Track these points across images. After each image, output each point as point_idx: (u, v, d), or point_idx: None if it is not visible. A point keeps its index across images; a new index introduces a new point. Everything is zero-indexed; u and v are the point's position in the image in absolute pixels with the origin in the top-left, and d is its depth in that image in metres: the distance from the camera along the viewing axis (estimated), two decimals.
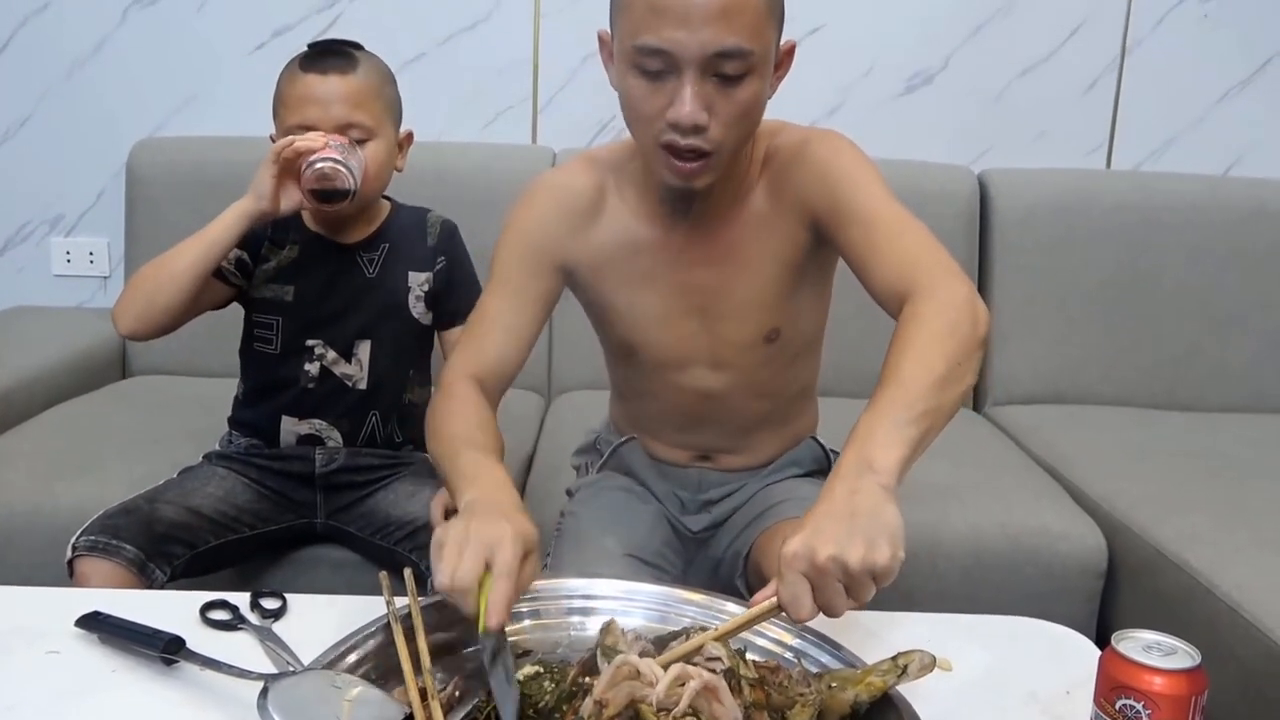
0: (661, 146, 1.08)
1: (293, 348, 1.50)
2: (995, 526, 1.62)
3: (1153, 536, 1.58)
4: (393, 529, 1.46)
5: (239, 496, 1.48)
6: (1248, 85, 2.36)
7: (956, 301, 0.99)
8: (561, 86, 2.32)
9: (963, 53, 2.34)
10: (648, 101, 1.06)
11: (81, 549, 1.33)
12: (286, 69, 1.44)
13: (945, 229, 2.17)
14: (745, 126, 1.10)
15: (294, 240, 1.50)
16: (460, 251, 1.57)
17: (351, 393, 1.51)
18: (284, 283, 1.49)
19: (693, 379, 1.27)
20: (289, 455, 1.52)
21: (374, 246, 1.52)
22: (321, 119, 1.39)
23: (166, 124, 2.31)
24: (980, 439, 1.99)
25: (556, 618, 0.98)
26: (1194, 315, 2.20)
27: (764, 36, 1.05)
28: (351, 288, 1.50)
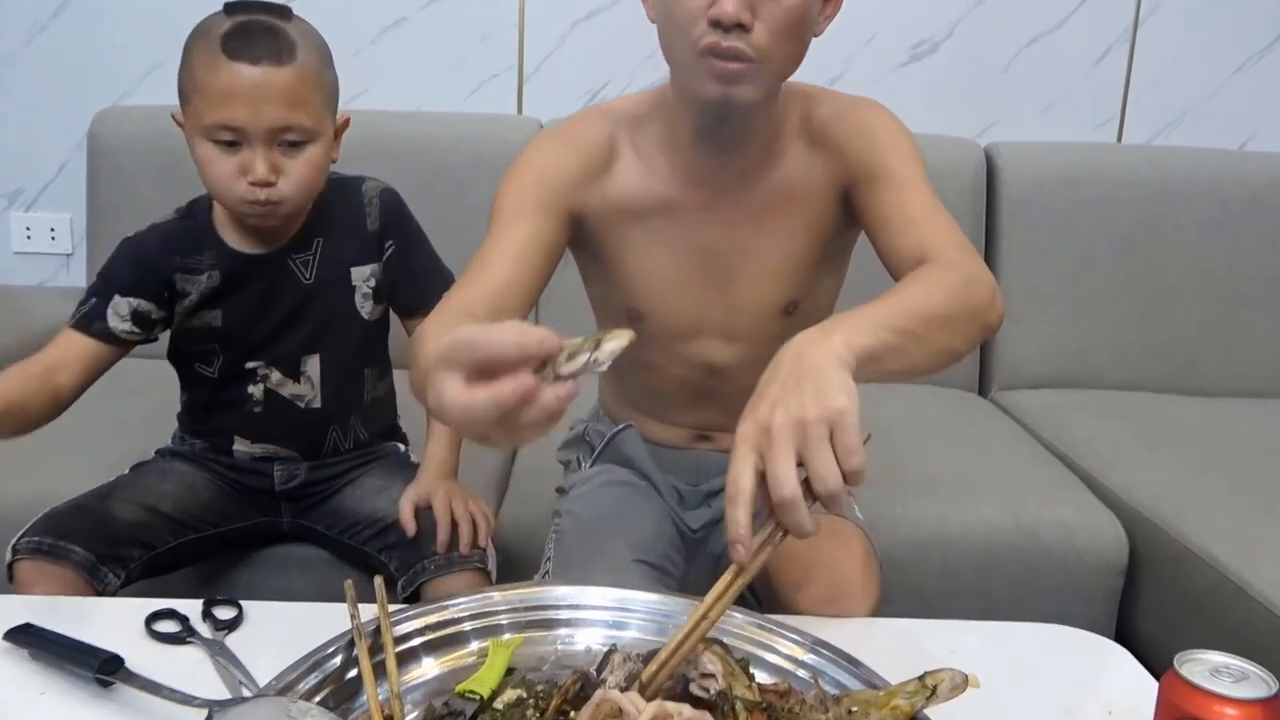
0: (701, 53, 0.99)
1: (233, 372, 1.33)
2: (1009, 519, 1.53)
3: (1176, 530, 1.49)
4: (361, 527, 1.35)
5: (200, 493, 1.36)
6: (1265, 56, 2.27)
7: (979, 277, 0.97)
8: (548, 54, 2.21)
9: (969, 21, 2.24)
10: (690, 2, 0.98)
11: (23, 551, 1.19)
12: (202, 44, 1.18)
13: (950, 204, 2.02)
14: (790, 43, 1.01)
15: (210, 265, 1.29)
16: (409, 226, 1.36)
17: (305, 412, 1.35)
18: (209, 309, 1.30)
19: (701, 350, 1.19)
20: (245, 469, 1.37)
21: (306, 245, 1.31)
22: (251, 121, 1.16)
23: (132, 92, 2.20)
24: (988, 425, 1.90)
25: (542, 630, 0.88)
26: (1207, 295, 2.11)
27: None
28: (288, 301, 1.31)
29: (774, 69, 1.02)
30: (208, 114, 1.17)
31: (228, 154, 1.19)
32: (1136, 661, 0.93)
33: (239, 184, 1.19)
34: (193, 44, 1.21)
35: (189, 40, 1.22)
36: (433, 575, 1.25)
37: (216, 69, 1.17)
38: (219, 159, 1.19)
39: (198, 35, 1.21)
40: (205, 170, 1.21)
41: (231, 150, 1.18)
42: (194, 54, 1.20)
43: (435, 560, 1.25)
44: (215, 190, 1.23)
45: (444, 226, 1.48)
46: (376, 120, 2.00)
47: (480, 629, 0.87)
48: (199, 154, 1.20)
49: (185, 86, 1.21)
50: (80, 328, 1.27)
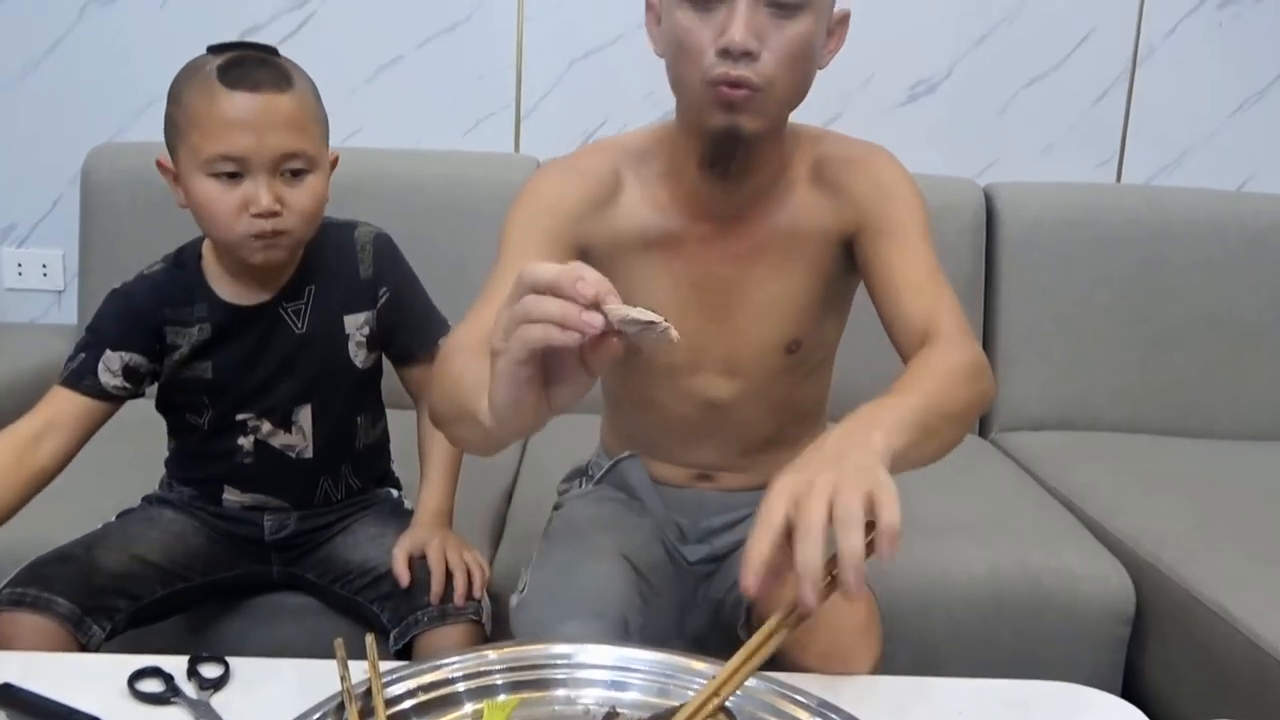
0: (709, 83, 1.00)
1: (223, 424, 1.29)
2: (1015, 567, 1.50)
3: (1183, 578, 1.47)
4: (353, 576, 1.32)
5: (189, 541, 1.32)
6: (1264, 96, 2.27)
7: (982, 363, 1.00)
8: (546, 92, 2.21)
9: (967, 61, 2.24)
10: (696, 32, 1.01)
11: (4, 602, 1.15)
12: (194, 81, 1.16)
13: (950, 244, 2.07)
14: (797, 73, 1.03)
15: (200, 318, 1.26)
16: (403, 272, 1.34)
17: (296, 463, 1.32)
18: (200, 361, 1.27)
19: (703, 386, 1.18)
20: (235, 518, 1.34)
21: (298, 293, 1.28)
22: (255, 150, 1.13)
23: (127, 128, 2.18)
24: (989, 468, 1.88)
25: (539, 690, 0.85)
26: (1208, 336, 2.09)
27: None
28: (280, 351, 1.28)
29: (779, 97, 1.03)
30: (208, 146, 1.14)
31: (229, 188, 1.15)
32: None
33: (242, 219, 1.16)
34: (183, 83, 1.18)
35: (177, 82, 1.19)
36: (426, 628, 1.22)
37: (215, 100, 1.13)
38: (220, 194, 1.15)
39: (188, 74, 1.18)
40: (206, 209, 1.17)
41: (233, 183, 1.15)
42: (187, 91, 1.17)
43: (429, 612, 1.22)
44: (217, 229, 1.19)
45: (441, 265, 1.46)
46: (373, 159, 1.99)
47: (475, 689, 0.84)
48: (198, 193, 1.16)
49: (179, 125, 1.17)
50: (70, 384, 1.23)
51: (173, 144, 1.20)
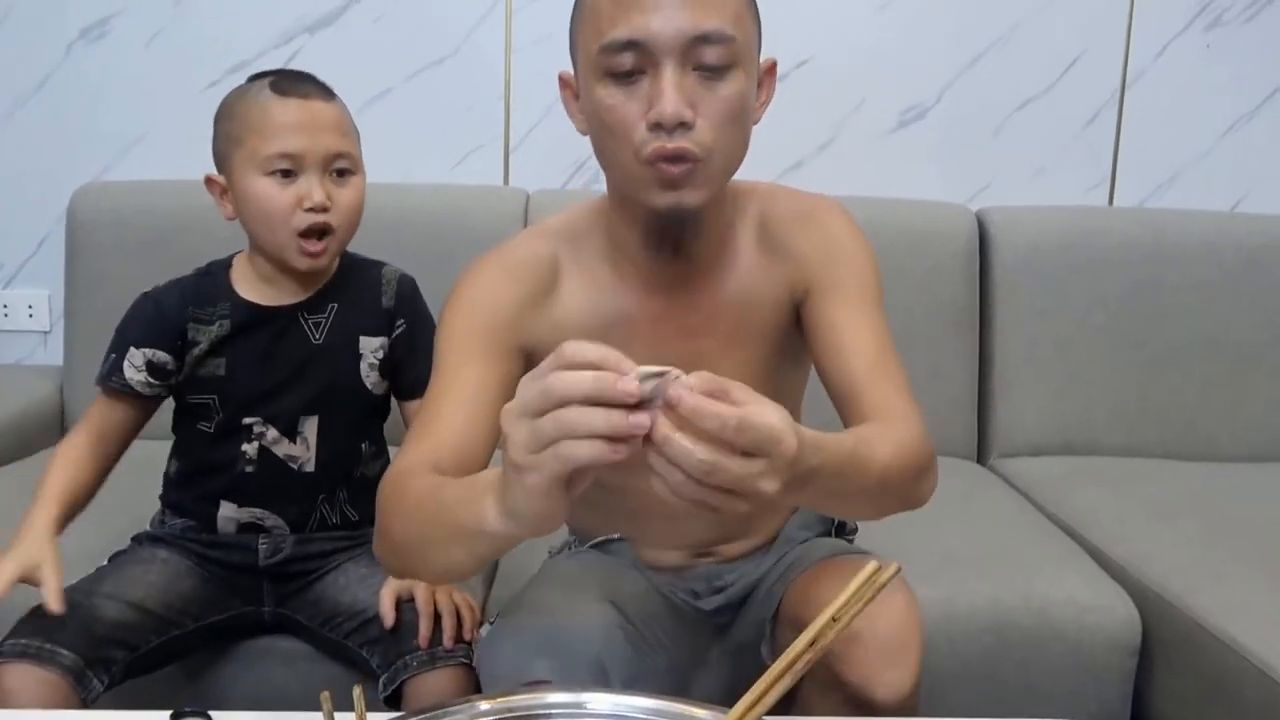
0: (644, 162, 0.94)
1: (230, 427, 1.32)
2: (1018, 598, 1.48)
3: (1190, 607, 1.44)
4: (342, 619, 1.30)
5: (182, 583, 1.30)
6: (1254, 116, 2.26)
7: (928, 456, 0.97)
8: (535, 124, 2.19)
9: (957, 86, 2.23)
10: (623, 109, 0.94)
11: (9, 655, 1.13)
12: (246, 96, 1.27)
13: (943, 270, 2.06)
14: (735, 134, 0.97)
15: (222, 315, 1.31)
16: (422, 312, 1.39)
17: (297, 476, 1.33)
18: (214, 358, 1.31)
19: None
20: (229, 544, 1.34)
21: (320, 307, 1.33)
22: (309, 148, 1.24)
23: (113, 167, 2.17)
24: (989, 495, 1.86)
25: None
26: (1206, 358, 2.08)
27: (744, 26, 0.96)
28: (294, 357, 1.32)
29: (720, 165, 0.97)
30: (265, 147, 1.24)
31: (284, 186, 1.24)
32: None
33: (295, 215, 1.25)
34: (235, 102, 1.28)
35: (227, 105, 1.29)
36: (415, 672, 1.19)
37: (270, 107, 1.25)
38: (275, 192, 1.25)
39: (238, 95, 1.29)
40: (261, 206, 1.26)
41: (287, 181, 1.24)
42: (240, 105, 1.27)
43: (418, 656, 1.20)
44: (269, 226, 1.26)
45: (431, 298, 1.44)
46: None
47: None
48: (253, 192, 1.25)
49: (233, 135, 1.27)
50: (101, 383, 1.32)
51: (224, 156, 1.29)
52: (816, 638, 0.78)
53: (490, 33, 2.16)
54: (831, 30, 2.18)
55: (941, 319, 2.05)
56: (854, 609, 0.81)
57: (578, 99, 1.01)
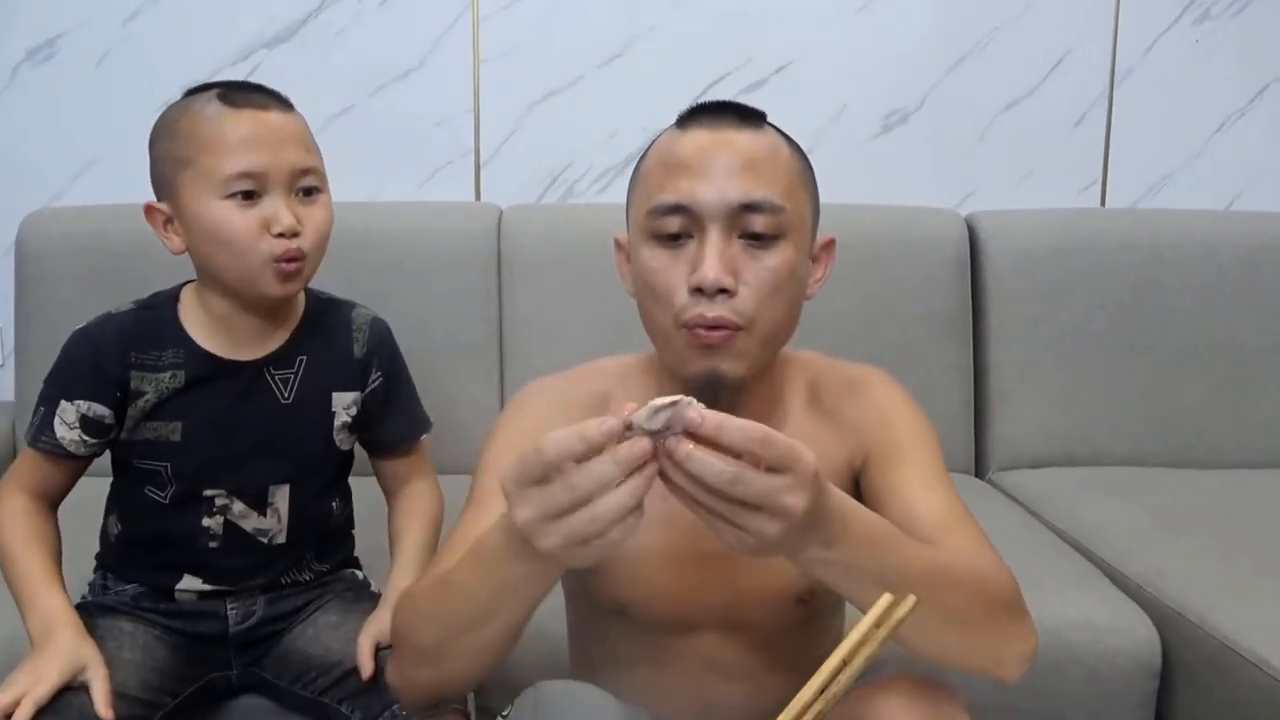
0: (683, 325, 0.92)
1: (186, 499, 1.17)
2: None
3: (1214, 626, 1.36)
4: (314, 675, 1.19)
5: (155, 657, 1.16)
6: (1246, 112, 2.20)
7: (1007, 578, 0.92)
8: (506, 138, 2.11)
9: (940, 89, 2.17)
10: (667, 271, 0.92)
11: None
12: (190, 112, 1.11)
13: (934, 278, 1.98)
14: (779, 305, 0.93)
15: (174, 363, 1.16)
16: (397, 361, 1.28)
17: (267, 549, 1.21)
18: (167, 419, 1.15)
19: (701, 648, 1.02)
20: (193, 613, 1.20)
21: (288, 361, 1.19)
22: (272, 165, 1.09)
23: (65, 192, 2.07)
24: (992, 511, 1.77)
25: None
26: (1209, 361, 2.01)
27: (796, 199, 0.94)
28: (261, 420, 1.17)
29: (762, 335, 0.93)
30: (224, 166, 1.08)
31: (247, 209, 1.10)
32: None
33: (263, 240, 1.10)
34: (177, 117, 1.12)
35: (167, 122, 1.13)
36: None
37: (224, 121, 1.10)
38: (238, 216, 1.10)
39: (180, 110, 1.13)
40: (222, 235, 1.10)
41: (249, 203, 1.10)
42: (185, 121, 1.11)
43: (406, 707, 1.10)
44: (233, 256, 1.11)
45: (402, 319, 1.36)
46: None
47: None
48: (211, 219, 1.10)
49: (179, 156, 1.11)
50: (32, 442, 1.17)
51: (169, 179, 1.13)
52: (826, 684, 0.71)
53: (457, 44, 2.08)
54: (810, 34, 2.12)
55: (934, 327, 1.97)
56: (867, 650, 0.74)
57: (629, 261, 1.00)
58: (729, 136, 0.93)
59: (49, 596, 1.11)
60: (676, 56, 2.09)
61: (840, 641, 1.09)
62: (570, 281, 1.90)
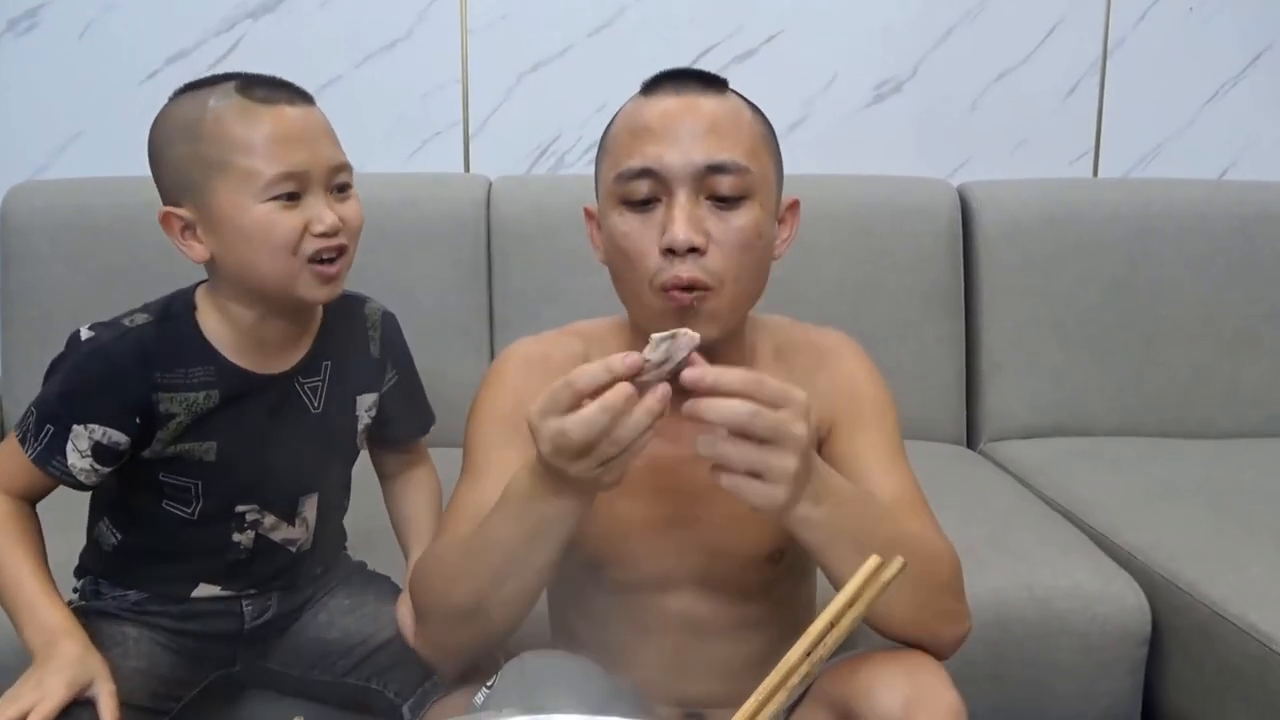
0: (657, 288, 0.94)
1: (216, 515, 1.13)
2: (1020, 590, 1.39)
3: (1203, 593, 1.36)
4: (335, 658, 1.17)
5: (160, 664, 1.13)
6: (1240, 81, 2.19)
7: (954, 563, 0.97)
8: (495, 108, 2.09)
9: (932, 58, 2.15)
10: (637, 235, 0.95)
11: None
12: (212, 109, 1.03)
13: (925, 248, 1.97)
14: (748, 263, 0.96)
15: (206, 382, 1.08)
16: (406, 355, 1.25)
17: (292, 556, 1.19)
18: (201, 439, 1.09)
19: (677, 605, 1.04)
20: (205, 613, 1.17)
21: (314, 368, 1.14)
22: (313, 164, 1.03)
23: (49, 166, 2.05)
24: (983, 482, 1.77)
25: None
26: (1200, 332, 2.00)
27: (760, 161, 0.97)
28: (294, 433, 1.13)
29: (732, 296, 0.96)
30: (264, 169, 1.01)
31: (289, 210, 1.03)
32: None
33: (307, 242, 1.04)
34: (197, 117, 1.03)
35: (182, 120, 1.04)
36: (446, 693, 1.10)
37: (258, 120, 1.02)
38: (281, 219, 1.02)
39: (197, 108, 1.04)
40: (265, 240, 1.03)
41: (291, 204, 1.03)
42: (209, 122, 1.03)
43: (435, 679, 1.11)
44: (275, 261, 1.04)
45: (391, 293, 1.35)
46: None
47: None
48: (252, 224, 1.02)
49: (211, 157, 1.02)
50: (39, 463, 1.07)
51: (196, 185, 1.04)
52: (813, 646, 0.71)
53: (444, 14, 2.06)
54: (801, 3, 2.10)
55: (925, 298, 1.97)
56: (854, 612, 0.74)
57: (600, 229, 1.02)
58: (693, 101, 0.96)
59: (48, 607, 1.05)
60: (666, 26, 2.07)
61: (812, 603, 1.12)
62: (560, 253, 1.89)
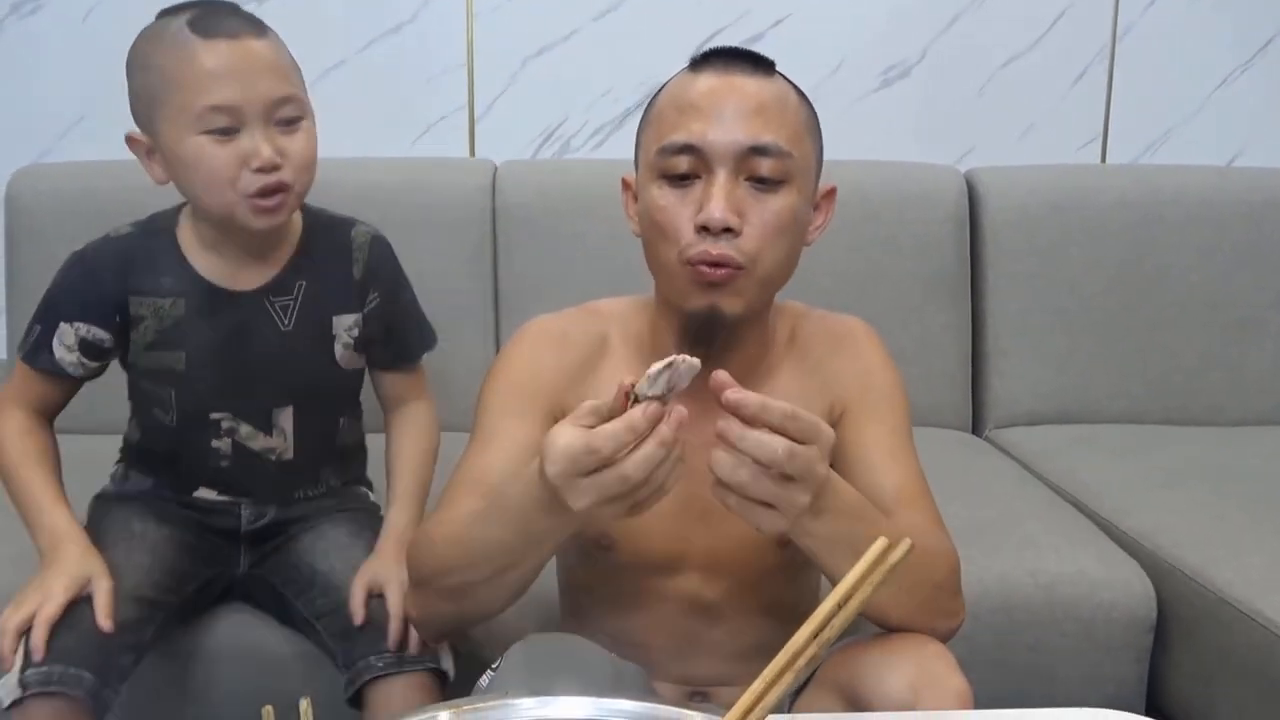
0: (687, 262, 0.95)
1: (194, 422, 1.20)
2: (1025, 575, 1.40)
3: (1209, 580, 1.36)
4: (315, 594, 1.20)
5: (165, 556, 1.20)
6: (1249, 68, 2.18)
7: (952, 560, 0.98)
8: (500, 92, 2.09)
9: (940, 43, 2.14)
10: (674, 210, 0.95)
11: (34, 687, 1.02)
12: (162, 41, 1.09)
13: (932, 234, 1.97)
14: (781, 247, 0.97)
15: (174, 291, 1.16)
16: (395, 276, 1.28)
17: (275, 465, 1.24)
18: (170, 349, 1.17)
19: (685, 586, 1.05)
20: (207, 508, 1.25)
21: (286, 287, 1.19)
22: (247, 98, 1.06)
23: (54, 149, 2.04)
24: (989, 468, 1.77)
25: None
26: (1206, 319, 2.00)
27: (802, 147, 0.97)
28: (263, 348, 1.19)
29: (762, 275, 0.96)
30: (196, 100, 1.06)
31: (222, 144, 1.08)
32: None
33: (242, 177, 1.08)
34: (148, 47, 1.11)
35: (139, 51, 1.12)
36: (379, 674, 1.10)
37: (195, 53, 1.07)
38: (214, 152, 1.08)
39: (152, 38, 1.11)
40: (199, 171, 1.09)
41: (227, 139, 1.08)
42: (157, 53, 1.09)
43: (384, 658, 1.11)
44: (212, 193, 1.10)
45: None
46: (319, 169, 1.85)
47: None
48: (187, 155, 1.08)
49: (153, 90, 1.09)
50: (28, 361, 1.20)
51: (147, 114, 1.12)
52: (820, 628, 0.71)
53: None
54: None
55: (932, 284, 1.96)
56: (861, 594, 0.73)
57: (636, 201, 1.03)
58: (740, 81, 0.96)
59: (54, 513, 1.14)
60: (672, 10, 2.06)
61: (819, 586, 1.12)
62: (566, 237, 1.89)
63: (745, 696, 0.68)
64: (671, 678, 1.07)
